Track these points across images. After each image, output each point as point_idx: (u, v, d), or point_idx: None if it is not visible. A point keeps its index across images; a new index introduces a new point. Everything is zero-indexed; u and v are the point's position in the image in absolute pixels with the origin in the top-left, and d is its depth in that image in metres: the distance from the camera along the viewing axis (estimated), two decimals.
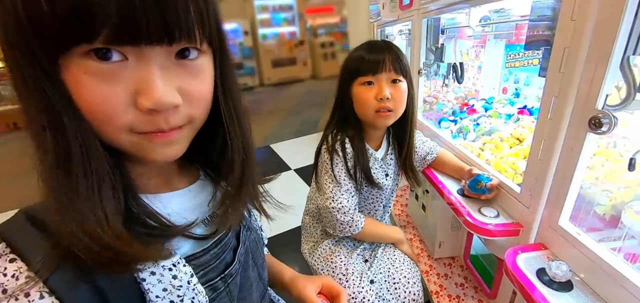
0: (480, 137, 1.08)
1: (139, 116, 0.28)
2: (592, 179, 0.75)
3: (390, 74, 0.79)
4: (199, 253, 0.40)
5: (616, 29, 0.49)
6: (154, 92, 0.27)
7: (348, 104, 0.85)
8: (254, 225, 0.57)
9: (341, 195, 0.84)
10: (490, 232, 0.77)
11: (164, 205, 0.37)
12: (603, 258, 0.57)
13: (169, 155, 0.33)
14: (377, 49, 0.80)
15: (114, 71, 0.26)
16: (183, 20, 0.26)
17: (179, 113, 0.31)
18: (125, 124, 0.28)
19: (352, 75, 0.83)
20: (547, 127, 0.64)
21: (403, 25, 1.65)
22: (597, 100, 0.53)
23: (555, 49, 0.60)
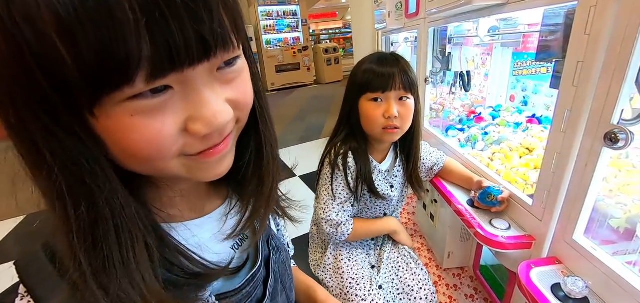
0: (489, 147, 1.08)
1: (192, 140, 0.26)
2: (606, 191, 0.74)
3: (399, 91, 0.79)
4: (230, 293, 0.38)
5: (633, 44, 0.48)
6: (208, 114, 0.25)
7: (355, 118, 0.85)
8: (283, 242, 0.54)
9: (332, 209, 0.86)
10: (502, 244, 0.76)
11: (193, 234, 0.35)
12: (619, 274, 0.56)
13: (224, 168, 0.31)
14: (386, 64, 0.79)
15: (162, 104, 0.23)
16: (218, 31, 0.24)
17: (231, 122, 0.29)
18: (176, 151, 0.26)
19: (360, 90, 0.82)
20: (560, 140, 0.64)
21: (408, 34, 1.65)
22: (612, 115, 0.53)
23: (568, 62, 0.60)
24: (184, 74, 0.23)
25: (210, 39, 0.23)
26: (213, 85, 0.26)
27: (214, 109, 0.25)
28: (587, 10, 0.54)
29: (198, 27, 0.22)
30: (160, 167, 0.26)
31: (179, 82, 0.24)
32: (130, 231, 0.26)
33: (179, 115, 0.25)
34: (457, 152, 1.10)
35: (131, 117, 0.22)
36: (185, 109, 0.25)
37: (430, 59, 1.32)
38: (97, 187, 0.24)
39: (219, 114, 0.26)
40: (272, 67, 6.84)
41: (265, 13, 6.63)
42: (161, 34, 0.20)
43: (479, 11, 0.87)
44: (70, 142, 0.22)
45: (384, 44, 2.07)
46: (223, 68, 0.27)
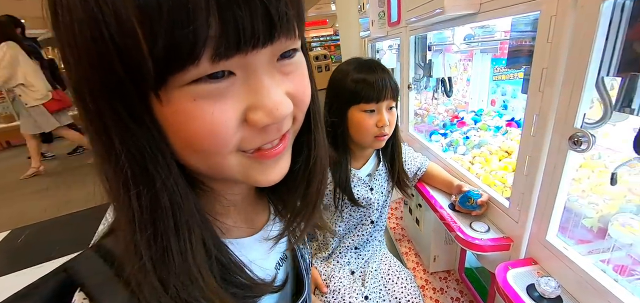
0: (470, 151, 1.10)
1: (250, 133, 0.25)
2: (579, 192, 0.76)
3: (389, 101, 0.81)
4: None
5: (589, 51, 0.51)
6: (270, 103, 0.24)
7: (343, 128, 0.84)
8: (308, 262, 0.52)
9: None
10: (481, 247, 0.77)
11: (247, 252, 0.34)
12: (590, 273, 0.57)
13: (281, 172, 0.30)
14: (376, 74, 0.79)
15: (224, 90, 0.23)
16: (284, 12, 0.23)
17: (289, 118, 0.28)
18: (234, 145, 0.25)
19: (351, 100, 0.81)
20: (530, 144, 0.66)
21: (392, 41, 1.68)
22: (575, 118, 0.55)
23: (534, 69, 0.62)
24: (247, 58, 0.23)
25: (276, 19, 0.22)
26: (273, 75, 0.25)
27: (275, 99, 0.24)
28: (549, 19, 0.57)
29: (266, 4, 0.21)
30: (219, 163, 0.26)
31: (241, 67, 0.23)
32: (188, 224, 0.26)
33: (240, 102, 0.24)
34: (440, 156, 1.12)
35: (193, 101, 0.22)
36: (247, 97, 0.24)
37: (413, 66, 1.35)
38: (159, 176, 0.24)
39: (280, 105, 0.25)
40: None
41: None
42: (230, 11, 0.20)
43: (454, 20, 0.89)
44: (137, 130, 0.23)
45: (369, 50, 2.11)
46: (282, 59, 0.26)
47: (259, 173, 0.28)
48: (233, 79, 0.23)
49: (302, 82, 0.29)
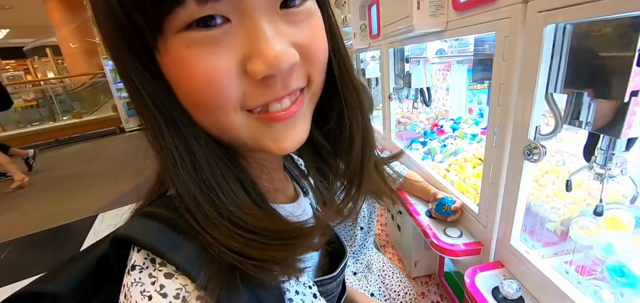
0: (447, 158, 1.14)
1: (252, 87, 0.24)
2: (543, 197, 0.81)
3: None
4: (327, 279, 0.37)
5: (536, 69, 0.55)
6: (268, 51, 0.22)
7: None
8: None
9: None
10: (454, 252, 0.81)
11: (294, 215, 0.34)
12: (548, 275, 0.61)
13: (295, 140, 0.28)
14: None
15: (219, 37, 0.22)
16: None
17: (297, 73, 0.26)
18: (237, 100, 0.24)
19: None
20: (493, 154, 0.70)
21: (374, 52, 1.73)
22: (528, 131, 0.59)
23: (493, 84, 0.67)
24: (242, 4, 0.22)
25: None
26: (275, 21, 0.24)
27: (274, 46, 0.22)
28: (503, 39, 0.62)
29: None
30: (225, 122, 0.25)
31: (236, 11, 0.22)
32: (218, 162, 0.26)
33: (237, 51, 0.23)
34: (420, 164, 1.17)
35: (188, 49, 0.22)
36: (244, 43, 0.23)
37: (393, 77, 1.40)
38: (184, 124, 0.25)
39: (282, 53, 0.23)
40: None
41: None
42: None
43: (425, 35, 0.94)
44: (153, 81, 0.24)
45: (354, 61, 2.16)
46: (288, 6, 0.24)
47: (270, 139, 0.27)
48: (229, 25, 0.22)
49: (314, 34, 0.26)
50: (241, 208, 0.25)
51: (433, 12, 0.83)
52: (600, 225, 0.67)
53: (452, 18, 0.81)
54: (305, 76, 0.27)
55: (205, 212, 0.24)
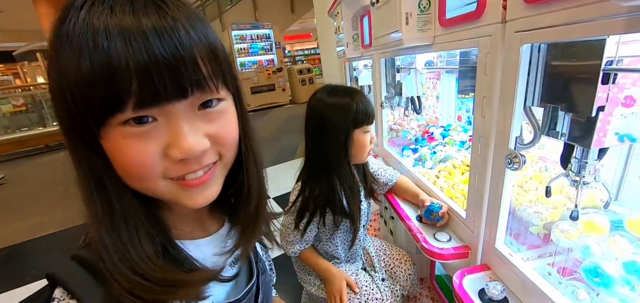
0: (436, 165, 1.18)
1: (173, 164, 0.32)
2: (527, 202, 0.85)
3: None
4: (232, 302, 0.44)
5: (515, 84, 0.59)
6: (184, 144, 0.31)
7: (347, 150, 0.89)
8: (266, 266, 0.59)
9: (293, 235, 0.97)
10: (443, 256, 0.84)
11: (201, 250, 0.42)
12: (530, 277, 0.65)
13: (207, 198, 0.36)
14: (366, 99, 0.91)
15: (147, 131, 0.30)
16: (194, 78, 0.30)
17: (209, 154, 0.34)
18: (160, 172, 0.32)
19: (358, 122, 0.88)
20: (478, 162, 0.74)
21: (367, 61, 1.78)
22: (509, 141, 0.63)
23: (477, 96, 0.71)
24: (166, 109, 0.30)
25: (187, 83, 0.30)
26: (192, 120, 0.32)
27: (188, 139, 0.31)
28: (485, 55, 0.66)
29: (174, 74, 0.29)
30: (151, 187, 0.33)
31: (162, 115, 0.30)
32: (134, 220, 0.33)
33: (160, 141, 0.31)
34: (411, 171, 1.20)
35: (124, 139, 0.30)
36: (166, 137, 0.31)
37: (384, 86, 1.44)
38: (112, 189, 0.32)
39: (194, 144, 0.31)
40: (247, 88, 6.89)
41: (238, 37, 6.73)
42: (145, 77, 0.28)
43: (414, 48, 0.98)
44: (94, 156, 0.31)
45: (347, 68, 2.20)
46: (205, 108, 0.33)
47: (186, 198, 0.35)
48: (157, 123, 0.30)
49: (226, 126, 0.36)
50: (144, 260, 0.33)
51: (421, 28, 0.87)
52: (579, 228, 0.71)
53: (438, 33, 0.86)
54: (217, 153, 0.36)
55: (113, 261, 0.31)
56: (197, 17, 0.32)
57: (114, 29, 0.27)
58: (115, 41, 0.27)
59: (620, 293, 0.58)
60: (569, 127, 0.57)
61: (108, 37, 0.27)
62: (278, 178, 3.00)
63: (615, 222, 0.70)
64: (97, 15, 0.27)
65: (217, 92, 0.33)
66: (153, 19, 0.28)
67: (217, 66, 0.33)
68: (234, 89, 0.37)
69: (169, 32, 0.28)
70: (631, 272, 0.58)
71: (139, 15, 0.28)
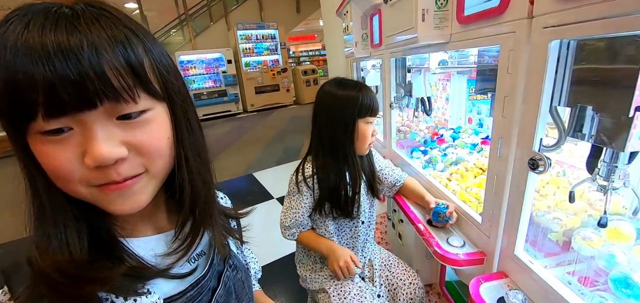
0: (447, 167, 1.15)
1: (92, 171, 0.32)
2: (545, 207, 0.82)
3: None
4: (176, 296, 0.43)
5: (542, 82, 0.56)
6: (95, 151, 0.31)
7: (351, 139, 0.93)
8: (242, 263, 0.58)
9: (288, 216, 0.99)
10: (457, 262, 0.81)
11: (151, 247, 0.42)
12: (553, 286, 0.62)
13: (130, 206, 0.36)
14: (370, 92, 0.94)
15: (64, 139, 0.31)
16: (102, 90, 0.31)
17: (129, 164, 0.34)
18: (80, 178, 0.33)
19: (362, 112, 0.92)
20: (497, 164, 0.71)
21: (375, 61, 1.75)
22: (533, 143, 0.60)
23: (497, 96, 0.68)
24: (79, 118, 0.31)
25: (93, 96, 0.31)
26: (108, 127, 0.33)
27: (101, 147, 0.32)
28: (508, 53, 0.63)
29: (79, 89, 0.30)
30: (74, 191, 0.34)
31: (77, 123, 0.31)
32: (62, 217, 0.35)
33: (77, 148, 0.32)
34: (421, 173, 1.17)
35: (42, 145, 0.31)
36: (82, 144, 0.32)
37: (394, 86, 1.41)
38: (41, 187, 0.34)
39: (107, 152, 0.32)
40: (252, 88, 6.89)
41: (244, 37, 6.73)
42: (51, 89, 0.29)
43: (428, 47, 0.96)
44: (25, 157, 0.33)
45: (354, 68, 2.18)
46: (124, 119, 0.33)
47: (108, 203, 0.35)
48: (72, 131, 0.32)
49: (148, 136, 0.36)
50: (64, 255, 0.34)
51: (437, 25, 0.84)
52: (602, 236, 0.68)
53: (456, 31, 0.83)
54: (142, 165, 0.36)
55: (35, 256, 0.33)
56: (119, 30, 0.33)
57: (23, 46, 0.29)
58: (21, 57, 0.28)
59: None
60: (597, 128, 0.54)
61: (15, 53, 0.28)
62: (282, 178, 2.98)
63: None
64: (12, 31, 0.29)
65: (135, 103, 0.34)
66: (60, 37, 0.29)
67: (135, 79, 0.33)
68: (168, 98, 0.38)
69: (74, 50, 0.29)
70: None
71: (46, 33, 0.29)
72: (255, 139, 4.73)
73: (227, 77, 6.70)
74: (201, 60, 6.60)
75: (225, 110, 6.86)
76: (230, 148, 4.36)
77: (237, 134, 5.20)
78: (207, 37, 7.10)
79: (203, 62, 6.62)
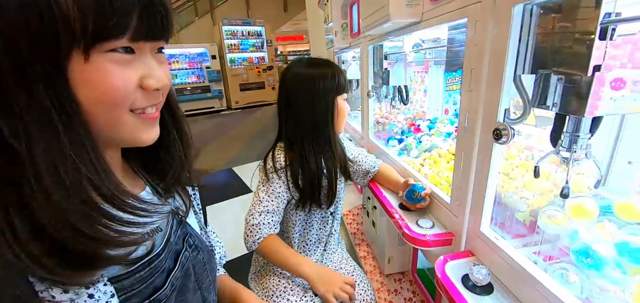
0: (421, 154, 1.15)
1: (142, 95, 0.36)
2: (513, 188, 0.82)
3: None
4: (122, 276, 0.38)
5: (505, 50, 0.55)
6: (159, 74, 0.37)
7: (332, 117, 0.91)
8: (204, 243, 0.55)
9: (259, 213, 0.87)
10: (426, 242, 0.79)
11: None
12: (518, 261, 0.61)
13: (154, 136, 0.41)
14: (341, 69, 0.93)
15: (129, 60, 0.34)
16: (169, 25, 0.37)
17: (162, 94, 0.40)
18: (131, 102, 0.35)
19: (338, 90, 0.90)
20: (464, 140, 0.70)
21: (355, 52, 1.74)
22: (497, 113, 0.59)
23: (465, 69, 0.67)
24: (144, 45, 0.36)
25: (168, 27, 0.37)
26: (155, 58, 0.38)
27: (160, 72, 0.38)
28: (474, 24, 0.62)
29: (162, 19, 0.35)
30: (117, 116, 0.35)
31: (139, 50, 0.35)
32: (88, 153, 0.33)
33: (137, 72, 0.35)
34: (395, 160, 1.16)
35: (110, 63, 0.33)
36: (142, 69, 0.36)
37: (372, 75, 1.40)
38: (71, 123, 0.32)
39: (165, 77, 0.38)
40: (236, 85, 6.78)
41: (229, 32, 6.62)
42: (144, 16, 0.33)
43: (402, 29, 0.94)
44: (58, 88, 0.30)
45: (336, 61, 2.16)
46: (158, 52, 0.39)
47: (141, 131, 0.39)
48: (134, 55, 0.35)
49: (168, 71, 0.41)
50: None
51: (409, 2, 0.83)
52: (567, 213, 0.68)
53: (427, 8, 0.82)
54: None
55: None
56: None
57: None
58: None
59: (612, 276, 0.54)
60: (560, 95, 0.53)
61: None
62: None
63: (604, 207, 0.67)
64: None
65: (167, 41, 0.39)
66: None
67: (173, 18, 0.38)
68: None
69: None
70: (623, 254, 0.54)
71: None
72: (238, 136, 4.65)
73: (211, 73, 6.56)
74: (185, 54, 6.43)
75: (209, 106, 6.70)
76: (211, 144, 4.26)
77: (219, 131, 5.09)
78: (192, 31, 6.94)
79: (186, 57, 6.45)
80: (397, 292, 1.09)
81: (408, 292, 1.08)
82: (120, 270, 0.38)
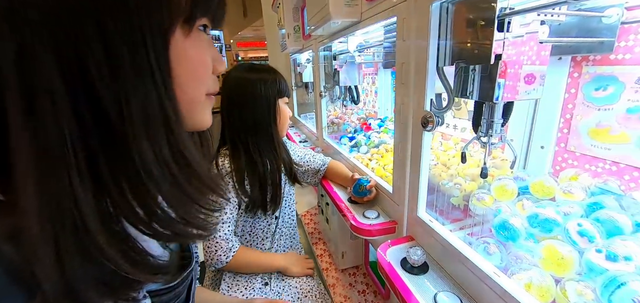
0: (370, 150, 1.19)
1: (214, 79, 0.38)
2: (448, 176, 0.88)
3: None
4: (163, 290, 0.40)
5: (427, 44, 0.60)
6: (223, 60, 0.39)
7: (275, 121, 0.93)
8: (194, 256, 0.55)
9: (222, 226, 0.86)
10: (371, 232, 0.82)
11: None
12: (449, 241, 0.65)
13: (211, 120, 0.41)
14: (282, 75, 0.96)
15: (209, 42, 0.36)
16: None
17: None
18: (208, 83, 0.36)
19: (280, 93, 0.93)
20: (401, 130, 0.74)
21: (308, 54, 1.76)
22: (424, 103, 0.63)
23: (397, 64, 0.71)
24: (208, 30, 0.37)
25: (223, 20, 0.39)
26: None
27: None
28: (402, 21, 0.66)
29: (225, 7, 0.38)
30: (201, 93, 0.36)
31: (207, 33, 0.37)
32: None
33: (211, 54, 0.36)
34: (347, 156, 1.19)
35: (204, 40, 0.35)
36: (211, 52, 0.36)
37: (323, 76, 1.43)
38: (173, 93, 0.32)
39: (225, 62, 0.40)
40: None
41: None
42: (220, 3, 0.36)
43: (345, 29, 0.98)
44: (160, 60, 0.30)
45: (292, 64, 2.17)
46: None
47: (204, 113, 0.38)
48: None
49: None
50: None
51: (348, 2, 0.87)
52: (493, 195, 0.75)
53: (365, 8, 0.86)
54: None
55: None
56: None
57: None
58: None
59: (525, 246, 0.60)
60: (478, 85, 0.59)
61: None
62: None
63: (521, 188, 0.75)
64: None
65: None
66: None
67: None
68: None
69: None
70: (534, 225, 0.61)
71: None
72: None
73: None
74: None
75: None
76: None
77: None
78: None
79: None
80: (351, 286, 1.10)
81: (362, 284, 1.10)
82: (162, 285, 0.40)
